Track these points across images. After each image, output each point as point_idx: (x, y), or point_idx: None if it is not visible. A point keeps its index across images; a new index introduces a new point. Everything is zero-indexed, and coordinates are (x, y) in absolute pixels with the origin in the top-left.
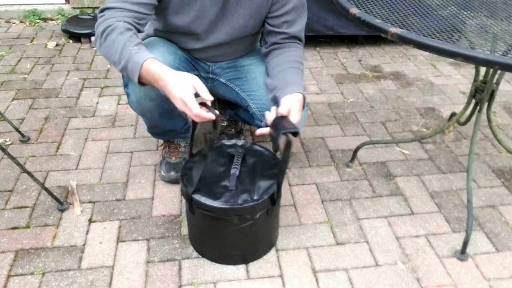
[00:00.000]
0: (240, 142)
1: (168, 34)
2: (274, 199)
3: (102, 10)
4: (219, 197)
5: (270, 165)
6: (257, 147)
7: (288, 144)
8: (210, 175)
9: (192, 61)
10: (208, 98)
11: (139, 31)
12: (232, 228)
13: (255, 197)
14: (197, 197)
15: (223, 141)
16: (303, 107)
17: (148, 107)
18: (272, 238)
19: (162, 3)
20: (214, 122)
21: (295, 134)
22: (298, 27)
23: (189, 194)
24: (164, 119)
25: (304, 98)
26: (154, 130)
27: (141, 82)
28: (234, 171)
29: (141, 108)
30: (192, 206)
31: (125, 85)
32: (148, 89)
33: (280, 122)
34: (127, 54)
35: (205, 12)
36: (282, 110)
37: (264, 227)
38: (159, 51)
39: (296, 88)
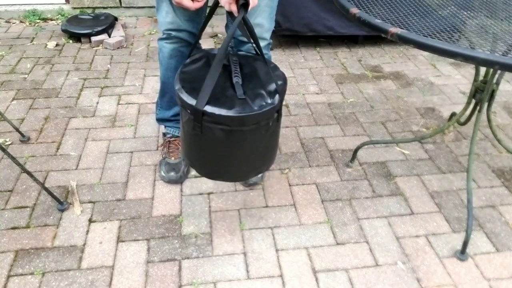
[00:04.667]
0: (228, 50)
1: None
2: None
3: None
4: (232, 107)
5: (271, 67)
6: (247, 53)
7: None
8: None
9: None
10: None
11: None
12: (247, 139)
13: (269, 101)
14: (208, 109)
15: (208, 50)
16: None
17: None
18: (277, 149)
19: None
20: (244, 7)
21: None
22: None
23: (199, 107)
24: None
25: None
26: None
27: None
28: (237, 79)
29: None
30: (201, 122)
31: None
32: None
33: None
34: None
35: None
36: None
37: (274, 135)
38: None
39: None
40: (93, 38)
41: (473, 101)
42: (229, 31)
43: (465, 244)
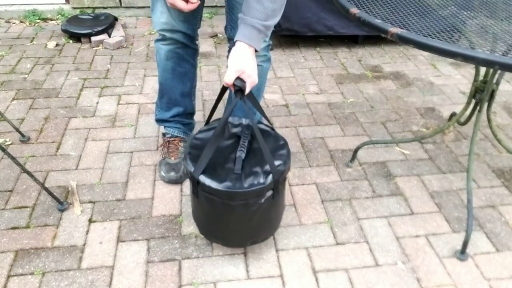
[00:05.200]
0: (246, 121)
1: None
2: (281, 175)
3: None
4: (224, 180)
5: (278, 146)
6: (263, 127)
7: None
8: (215, 156)
9: None
10: None
11: None
12: (236, 213)
13: (261, 181)
14: (202, 178)
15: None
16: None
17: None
18: (277, 221)
19: None
20: (240, 91)
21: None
22: None
23: (195, 176)
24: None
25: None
26: (167, 81)
27: None
28: (240, 154)
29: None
30: (197, 188)
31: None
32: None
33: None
34: None
35: None
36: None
37: (268, 211)
38: None
39: (241, 32)
40: (93, 38)
41: (473, 101)
42: (225, 114)
43: (465, 244)
